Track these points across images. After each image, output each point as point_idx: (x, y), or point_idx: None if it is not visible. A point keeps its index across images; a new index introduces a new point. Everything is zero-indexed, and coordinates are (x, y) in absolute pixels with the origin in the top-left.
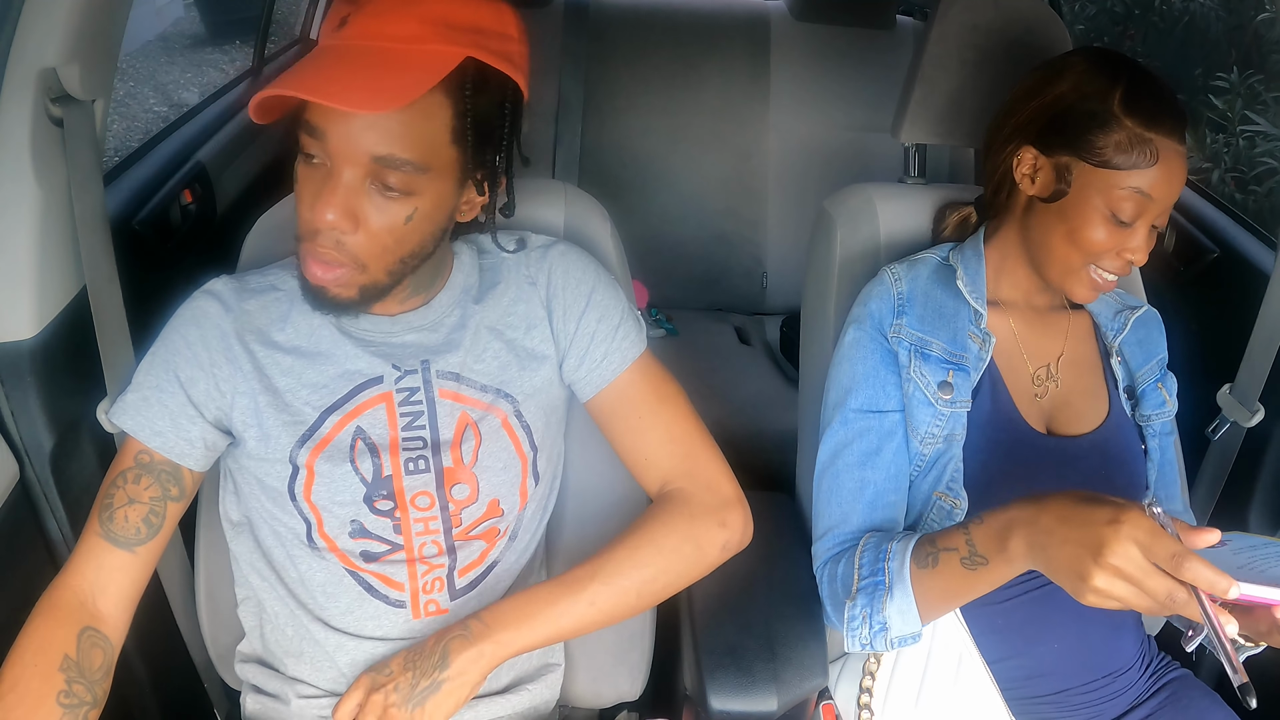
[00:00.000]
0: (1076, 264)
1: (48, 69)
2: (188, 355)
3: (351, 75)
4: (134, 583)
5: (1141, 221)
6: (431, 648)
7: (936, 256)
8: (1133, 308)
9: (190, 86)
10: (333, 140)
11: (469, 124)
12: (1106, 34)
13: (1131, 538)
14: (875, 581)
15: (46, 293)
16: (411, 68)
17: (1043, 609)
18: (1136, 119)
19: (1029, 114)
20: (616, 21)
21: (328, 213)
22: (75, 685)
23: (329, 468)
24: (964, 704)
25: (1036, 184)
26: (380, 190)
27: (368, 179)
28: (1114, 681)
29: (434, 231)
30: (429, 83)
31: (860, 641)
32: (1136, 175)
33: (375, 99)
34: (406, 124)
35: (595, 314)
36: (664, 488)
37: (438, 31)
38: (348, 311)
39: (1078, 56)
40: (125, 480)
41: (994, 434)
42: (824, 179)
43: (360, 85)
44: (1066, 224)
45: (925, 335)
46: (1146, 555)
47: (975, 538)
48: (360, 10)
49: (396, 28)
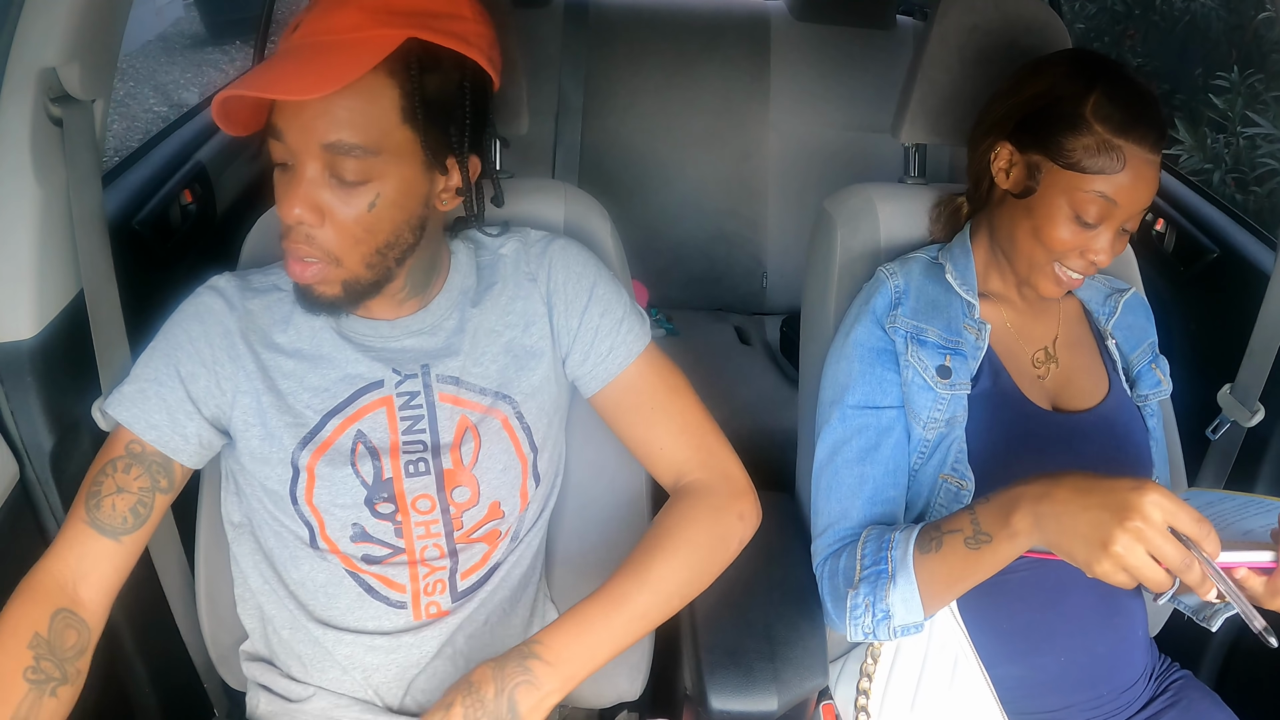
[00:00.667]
0: (1041, 259)
1: (48, 69)
2: (190, 350)
3: (293, 68)
4: (117, 571)
5: (1106, 225)
6: (494, 696)
7: (926, 256)
8: (1120, 290)
9: (190, 86)
10: (289, 137)
11: (418, 103)
12: (1107, 34)
13: (1157, 502)
14: (878, 570)
15: (46, 293)
16: (350, 53)
17: (1049, 617)
18: (1107, 125)
19: (1007, 110)
20: (616, 21)
21: (293, 208)
22: (44, 662)
23: (329, 471)
24: (959, 707)
25: (1010, 179)
26: (340, 181)
27: (326, 171)
28: (1120, 696)
29: (407, 220)
30: (367, 64)
31: (863, 630)
32: (1102, 180)
33: (313, 84)
34: (350, 108)
35: (598, 308)
36: (681, 479)
37: (378, 18)
38: (337, 310)
39: (1061, 57)
40: (115, 469)
41: (999, 414)
42: (824, 179)
43: (299, 75)
44: (1032, 220)
45: (920, 323)
46: (1170, 519)
47: (980, 517)
48: (309, 12)
49: (338, 19)
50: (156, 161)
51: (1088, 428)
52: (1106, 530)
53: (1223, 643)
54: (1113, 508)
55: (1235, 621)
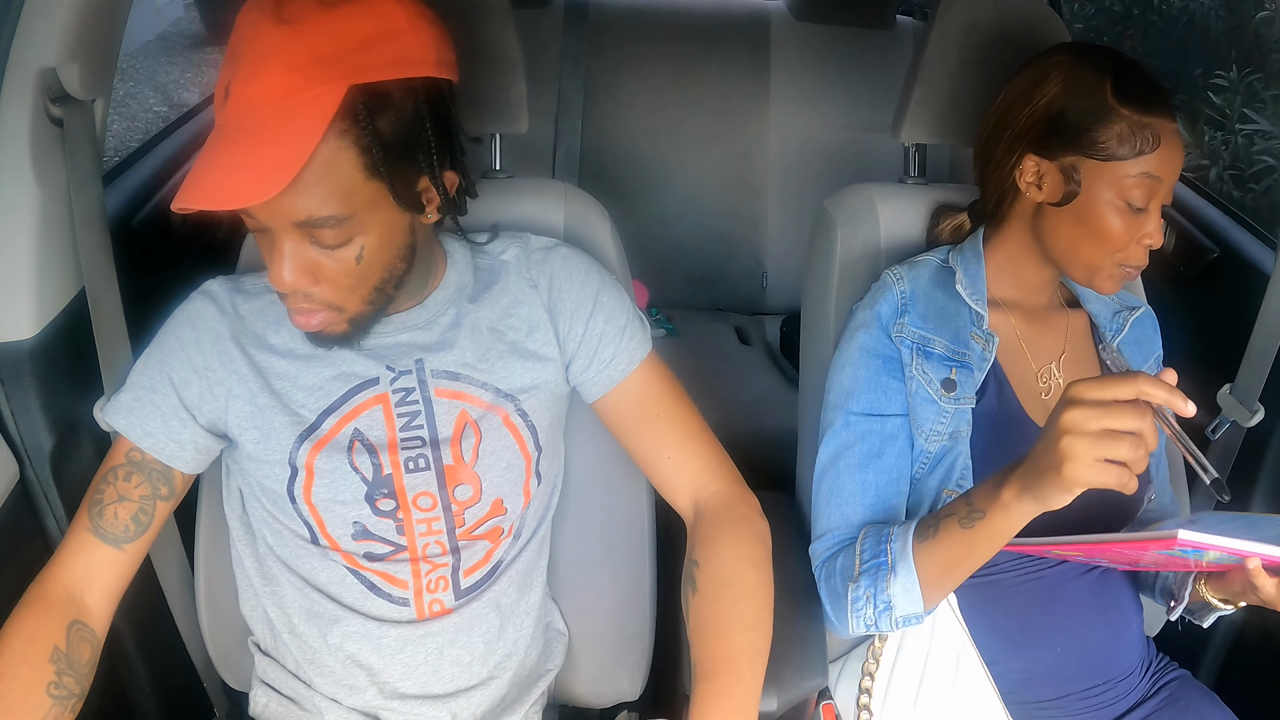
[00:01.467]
0: (1101, 261)
1: (48, 69)
2: (181, 357)
3: (240, 163)
4: (120, 578)
5: (1154, 204)
6: None
7: (936, 259)
8: (1132, 308)
9: (190, 86)
10: (257, 215)
11: (378, 153)
12: (1106, 34)
13: (1075, 390)
14: (878, 563)
15: (46, 293)
16: (290, 132)
17: (1043, 612)
18: (1132, 106)
19: (1024, 122)
20: (616, 21)
21: (284, 278)
22: (65, 677)
23: (329, 466)
24: (962, 705)
25: (1045, 189)
26: (320, 245)
27: (306, 239)
28: (1115, 686)
29: (397, 254)
30: (313, 137)
31: (865, 622)
32: (1142, 161)
33: (266, 183)
34: (311, 185)
35: (602, 315)
36: (700, 491)
37: (310, 75)
38: (350, 342)
39: (1060, 55)
40: (116, 477)
41: (1002, 432)
42: (824, 179)
43: (248, 174)
44: (1084, 224)
45: (927, 333)
46: (1100, 392)
47: (973, 497)
48: (235, 73)
49: (266, 89)
50: (156, 161)
51: None
52: (1053, 449)
53: (1222, 643)
54: (1049, 439)
55: (1235, 622)
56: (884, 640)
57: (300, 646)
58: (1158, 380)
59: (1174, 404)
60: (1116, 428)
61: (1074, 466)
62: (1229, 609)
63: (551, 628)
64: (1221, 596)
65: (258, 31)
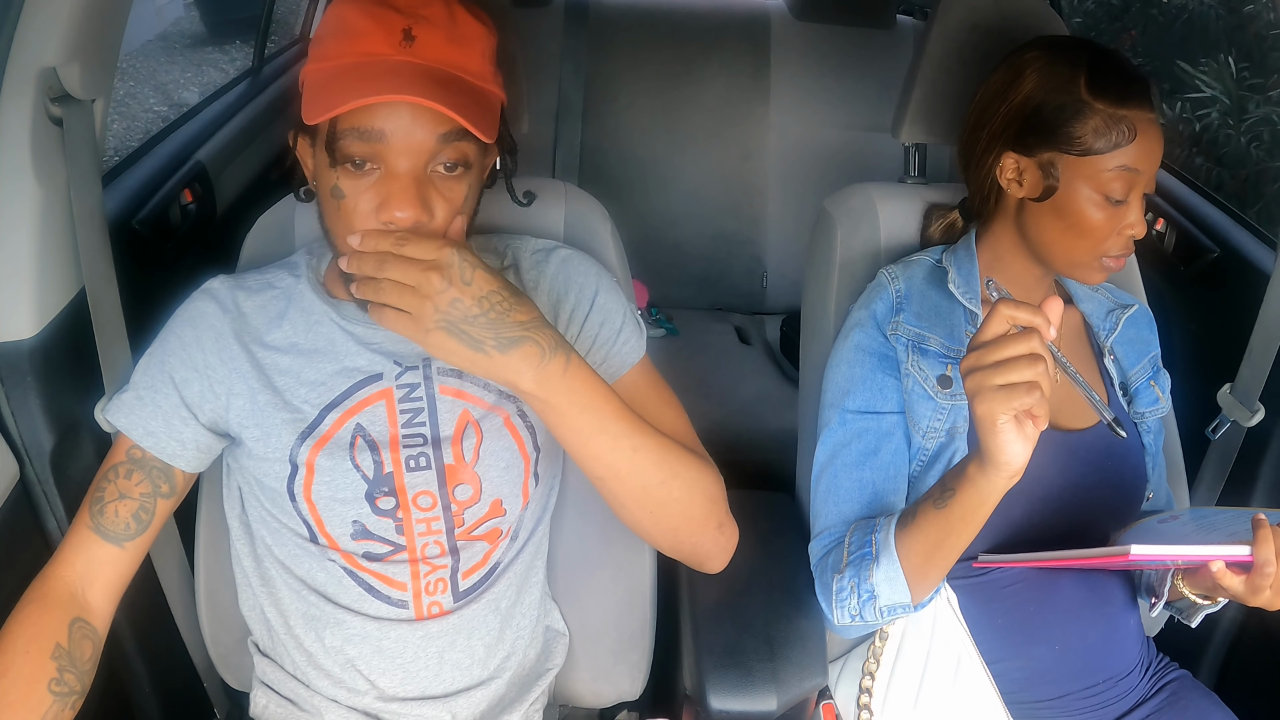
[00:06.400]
0: (1082, 255)
1: (48, 69)
2: (182, 356)
3: (453, 97)
4: (121, 576)
5: (1134, 195)
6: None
7: (930, 259)
8: (1125, 306)
9: (190, 86)
10: (396, 139)
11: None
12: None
13: (970, 351)
14: (863, 554)
15: (46, 292)
16: (488, 106)
17: (1041, 610)
18: (1106, 100)
19: (1001, 120)
20: (616, 21)
21: (403, 210)
22: (67, 674)
23: (329, 463)
24: (963, 705)
25: (1025, 186)
26: (441, 174)
27: (428, 164)
28: (1114, 685)
29: (477, 199)
30: (495, 127)
31: (849, 613)
32: (1119, 154)
33: (477, 117)
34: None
35: (598, 317)
36: None
37: (492, 73)
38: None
39: (1034, 51)
40: (117, 475)
41: None
42: (824, 179)
43: (465, 109)
44: (1064, 219)
45: (923, 331)
46: (979, 339)
47: (946, 477)
48: (424, 26)
49: (468, 61)
50: (156, 161)
51: (1082, 448)
52: (980, 427)
53: (1222, 643)
54: (972, 408)
55: (1235, 621)
56: (884, 640)
57: (298, 648)
58: (1016, 304)
59: (1034, 322)
60: (1014, 380)
61: (994, 428)
62: (1211, 605)
63: (551, 628)
64: (1199, 592)
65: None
